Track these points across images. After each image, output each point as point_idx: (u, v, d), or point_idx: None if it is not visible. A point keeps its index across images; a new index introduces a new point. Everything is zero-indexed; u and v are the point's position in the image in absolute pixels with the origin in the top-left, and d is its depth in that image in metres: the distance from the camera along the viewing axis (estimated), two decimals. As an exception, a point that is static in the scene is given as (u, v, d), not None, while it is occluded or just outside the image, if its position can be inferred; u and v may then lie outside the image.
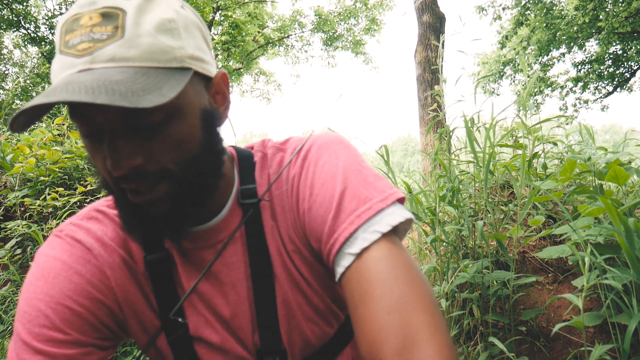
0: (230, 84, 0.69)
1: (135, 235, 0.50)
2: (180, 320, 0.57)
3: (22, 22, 10.28)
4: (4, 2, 9.65)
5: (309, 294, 0.59)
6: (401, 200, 0.53)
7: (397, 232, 0.51)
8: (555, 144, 1.92)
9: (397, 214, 0.50)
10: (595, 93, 12.48)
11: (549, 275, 1.63)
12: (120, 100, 0.37)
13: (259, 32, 13.48)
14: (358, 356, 0.67)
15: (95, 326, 0.53)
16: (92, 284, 0.53)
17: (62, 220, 2.16)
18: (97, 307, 0.53)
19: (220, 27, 12.82)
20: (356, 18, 13.85)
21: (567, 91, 12.74)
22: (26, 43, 10.91)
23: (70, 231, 0.56)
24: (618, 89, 12.13)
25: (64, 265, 0.52)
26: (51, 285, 0.51)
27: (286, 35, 14.29)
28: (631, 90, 12.13)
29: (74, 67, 0.41)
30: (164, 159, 0.46)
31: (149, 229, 0.49)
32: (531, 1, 10.75)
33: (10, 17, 9.95)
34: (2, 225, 2.33)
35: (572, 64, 12.41)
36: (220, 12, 12.17)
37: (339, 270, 0.49)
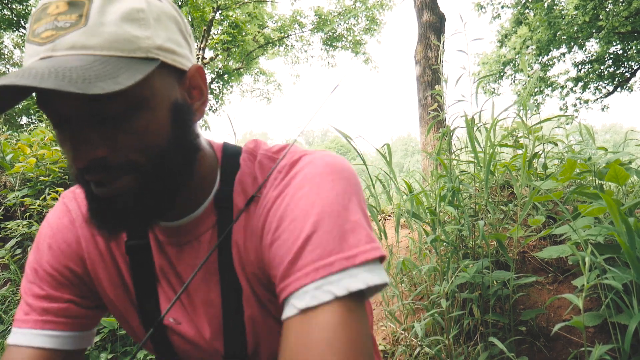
0: (230, 84, 0.68)
1: (99, 229, 0.49)
2: (171, 320, 0.59)
3: (22, 22, 10.28)
4: (4, 2, 9.65)
5: (271, 308, 0.58)
6: (381, 259, 0.46)
7: (360, 295, 0.44)
8: (555, 144, 1.92)
9: (361, 279, 0.43)
10: (595, 93, 12.47)
11: (549, 275, 1.63)
12: (69, 86, 0.37)
13: (259, 32, 13.48)
14: None
15: (66, 285, 0.59)
16: (65, 254, 0.60)
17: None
18: (66, 271, 0.60)
19: (220, 27, 12.82)
20: (356, 18, 13.85)
21: (568, 91, 12.74)
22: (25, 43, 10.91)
23: (68, 199, 0.63)
24: (618, 89, 12.13)
25: (51, 232, 0.61)
26: (38, 250, 0.61)
27: (286, 35, 14.30)
28: (631, 90, 12.13)
29: (36, 55, 0.42)
30: (129, 151, 0.45)
31: (112, 223, 0.48)
32: (531, 0, 10.74)
33: (10, 17, 9.95)
34: (2, 225, 2.33)
35: (573, 63, 12.41)
36: (220, 11, 12.18)
37: (283, 315, 0.45)
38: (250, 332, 0.58)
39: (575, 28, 10.59)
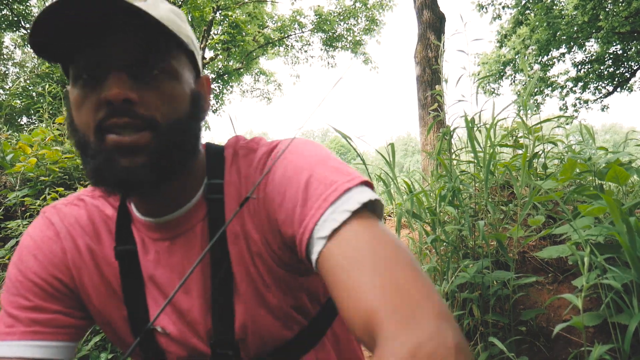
0: (231, 84, 0.71)
1: (104, 185, 0.51)
2: (158, 328, 0.60)
3: (22, 22, 10.28)
4: (4, 2, 9.65)
5: (267, 297, 0.60)
6: (369, 186, 0.52)
7: (372, 210, 0.49)
8: (555, 144, 1.92)
9: (367, 193, 0.49)
10: (595, 93, 12.47)
11: (549, 275, 1.63)
12: (141, 5, 0.46)
13: (259, 32, 13.48)
14: (325, 356, 0.67)
15: (54, 296, 0.60)
16: (53, 263, 0.60)
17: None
18: (55, 281, 0.60)
19: (220, 27, 12.82)
20: (356, 18, 13.84)
21: (567, 91, 12.73)
22: (26, 43, 10.91)
23: (50, 213, 0.64)
24: (618, 89, 12.13)
25: (35, 244, 0.61)
26: (21, 261, 0.60)
27: (286, 35, 14.29)
28: (631, 90, 12.13)
29: None
30: (154, 108, 0.50)
31: (121, 176, 0.49)
32: (531, 0, 10.74)
33: (10, 17, 9.95)
34: (2, 225, 2.33)
35: (572, 63, 12.41)
36: (220, 11, 12.17)
37: (313, 257, 0.47)
38: (240, 315, 0.59)
39: (575, 28, 10.58)
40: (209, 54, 12.98)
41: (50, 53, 0.50)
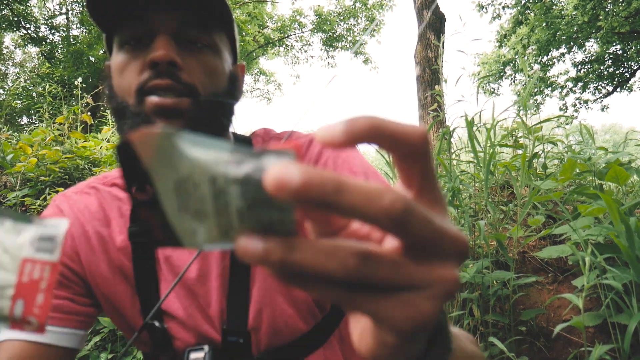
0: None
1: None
2: (158, 325, 0.59)
3: (22, 22, 10.28)
4: (4, 2, 9.65)
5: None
6: None
7: None
8: (555, 144, 1.92)
9: None
10: (595, 93, 12.47)
11: (549, 275, 1.63)
12: None
13: (259, 32, 13.48)
14: (332, 356, 0.67)
15: (63, 283, 0.60)
16: (62, 250, 0.59)
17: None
18: (63, 268, 0.60)
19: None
20: (356, 18, 13.84)
21: (567, 91, 12.73)
22: (26, 43, 10.91)
23: (59, 201, 0.65)
24: (618, 89, 12.13)
25: None
26: None
27: (286, 35, 14.29)
28: (631, 90, 12.12)
29: None
30: (196, 77, 0.53)
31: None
32: (531, 0, 10.74)
33: (10, 17, 9.95)
34: (3, 225, 2.33)
35: (572, 63, 12.40)
36: (220, 12, 12.15)
37: None
38: (256, 302, 0.58)
39: (575, 28, 10.58)
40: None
41: (103, 17, 0.53)
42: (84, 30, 10.58)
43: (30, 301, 0.24)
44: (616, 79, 11.99)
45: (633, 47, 11.14)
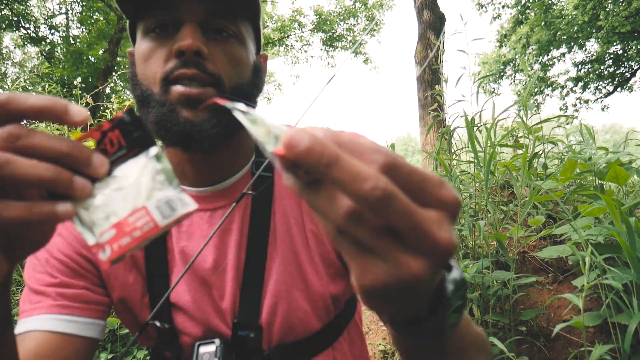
0: None
1: (164, 137, 0.52)
2: (159, 325, 0.59)
3: (22, 22, 10.28)
4: (4, 2, 9.65)
5: (311, 277, 0.59)
6: None
7: None
8: (555, 144, 1.92)
9: None
10: (595, 93, 12.45)
11: (549, 275, 1.63)
12: None
13: (259, 31, 13.46)
14: (341, 357, 0.66)
15: (80, 273, 0.59)
16: (77, 240, 0.60)
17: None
18: (80, 258, 0.60)
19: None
20: (356, 18, 13.83)
21: (568, 91, 12.72)
22: (26, 43, 10.91)
23: None
24: (618, 89, 12.11)
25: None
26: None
27: (286, 35, 14.28)
28: (631, 90, 12.11)
29: None
30: (221, 67, 0.53)
31: (180, 131, 0.51)
32: (531, 0, 10.74)
33: (10, 17, 9.95)
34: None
35: (573, 63, 12.40)
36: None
37: None
38: (271, 296, 0.58)
39: (575, 28, 10.58)
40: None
41: (129, 3, 0.53)
42: (84, 30, 10.57)
43: (119, 237, 0.28)
44: (616, 79, 11.98)
45: (633, 47, 11.13)
